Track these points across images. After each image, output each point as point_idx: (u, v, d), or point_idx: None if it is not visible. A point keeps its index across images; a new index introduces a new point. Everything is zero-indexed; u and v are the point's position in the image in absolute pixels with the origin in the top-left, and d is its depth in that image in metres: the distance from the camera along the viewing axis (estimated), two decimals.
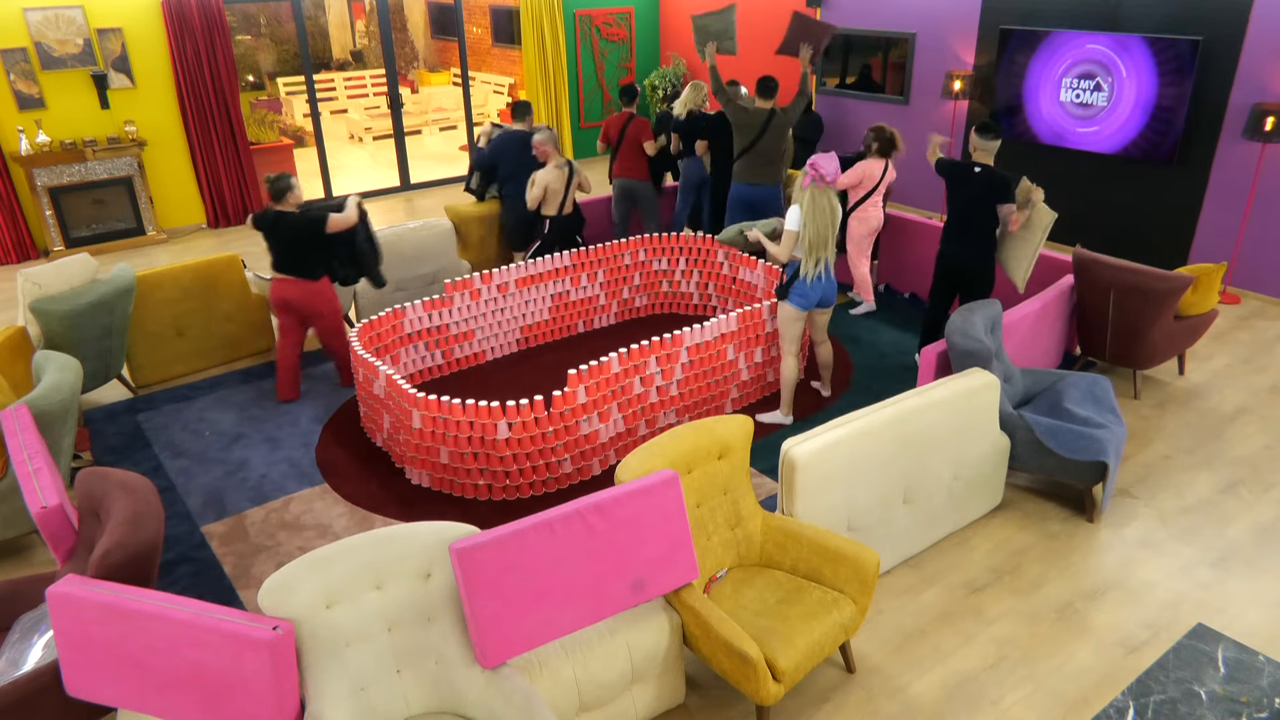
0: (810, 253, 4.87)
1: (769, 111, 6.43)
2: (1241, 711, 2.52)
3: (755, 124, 6.45)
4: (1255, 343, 6.31)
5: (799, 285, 4.96)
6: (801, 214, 4.82)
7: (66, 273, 5.23)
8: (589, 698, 3.04)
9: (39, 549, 4.35)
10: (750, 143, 6.49)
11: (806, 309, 5.01)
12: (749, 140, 6.49)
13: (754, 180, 6.58)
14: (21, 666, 2.91)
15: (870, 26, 9.35)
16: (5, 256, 8.25)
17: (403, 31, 17.06)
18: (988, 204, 5.13)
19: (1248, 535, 4.29)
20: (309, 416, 5.49)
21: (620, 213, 7.37)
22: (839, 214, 4.83)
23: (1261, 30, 6.60)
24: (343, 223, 5.36)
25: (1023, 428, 4.36)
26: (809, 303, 4.99)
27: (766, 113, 6.43)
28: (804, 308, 5.01)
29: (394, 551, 2.84)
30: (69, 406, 4.17)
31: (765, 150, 6.49)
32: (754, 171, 6.56)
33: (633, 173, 7.20)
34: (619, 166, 7.24)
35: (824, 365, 5.45)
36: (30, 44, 7.98)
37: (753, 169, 6.55)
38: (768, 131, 6.43)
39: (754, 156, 6.51)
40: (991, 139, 5.15)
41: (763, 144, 6.47)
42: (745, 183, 6.61)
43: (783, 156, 6.61)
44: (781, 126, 6.47)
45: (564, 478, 4.72)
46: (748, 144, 6.50)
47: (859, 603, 3.30)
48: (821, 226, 4.80)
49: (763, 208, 6.62)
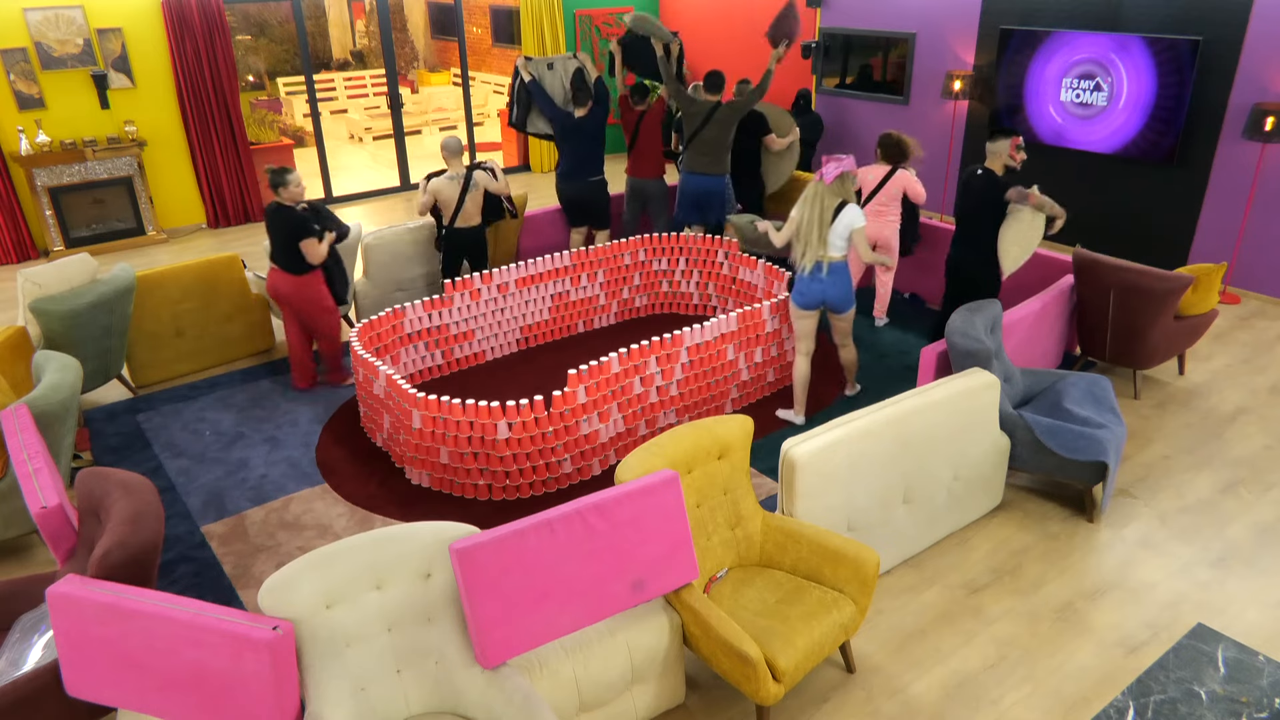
0: (798, 241, 4.96)
1: (714, 104, 6.68)
2: (1241, 711, 2.52)
3: (699, 114, 6.72)
4: (1255, 343, 6.31)
5: (797, 281, 5.04)
6: (800, 207, 4.91)
7: (66, 273, 5.23)
8: (589, 698, 3.04)
9: (39, 549, 4.35)
10: (694, 132, 6.75)
11: (805, 306, 5.03)
12: (692, 130, 6.77)
13: (697, 169, 6.85)
14: (21, 666, 2.91)
15: (870, 26, 9.35)
16: (5, 256, 8.25)
17: (403, 31, 17.06)
18: (987, 206, 5.08)
19: (1247, 535, 4.29)
20: (309, 416, 5.49)
21: (632, 211, 7.40)
22: (831, 211, 4.83)
23: (1261, 30, 6.60)
24: (312, 254, 5.37)
25: (1023, 428, 4.36)
26: (806, 300, 5.01)
27: (711, 105, 6.68)
28: (802, 305, 5.03)
29: (394, 551, 2.84)
30: (69, 406, 4.17)
31: (708, 140, 6.73)
32: (697, 161, 6.82)
33: (646, 171, 7.22)
34: (632, 165, 7.26)
35: (847, 367, 5.49)
36: (30, 44, 7.98)
37: (696, 158, 6.82)
38: (710, 123, 6.67)
39: (698, 144, 6.77)
40: (996, 140, 5.05)
41: (705, 134, 6.72)
42: (690, 171, 6.89)
43: (729, 148, 6.83)
44: (725, 119, 6.68)
45: (564, 478, 4.72)
46: (691, 133, 6.78)
47: (859, 603, 3.30)
48: (809, 217, 4.87)
49: (707, 196, 6.88)
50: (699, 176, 6.82)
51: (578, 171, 6.86)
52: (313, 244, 5.35)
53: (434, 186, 6.03)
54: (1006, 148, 5.05)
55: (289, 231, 5.34)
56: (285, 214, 5.33)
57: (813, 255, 4.92)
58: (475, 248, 6.30)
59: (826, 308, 5.07)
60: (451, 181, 6.03)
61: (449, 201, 6.06)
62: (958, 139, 8.84)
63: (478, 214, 6.19)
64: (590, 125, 6.73)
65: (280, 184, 5.33)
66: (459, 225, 6.15)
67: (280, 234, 5.37)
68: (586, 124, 6.72)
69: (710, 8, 11.12)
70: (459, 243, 6.22)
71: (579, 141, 6.77)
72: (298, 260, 5.40)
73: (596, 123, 6.75)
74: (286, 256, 5.41)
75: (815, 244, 4.90)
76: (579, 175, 6.87)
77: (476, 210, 6.17)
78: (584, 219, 7.13)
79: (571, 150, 6.81)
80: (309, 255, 5.37)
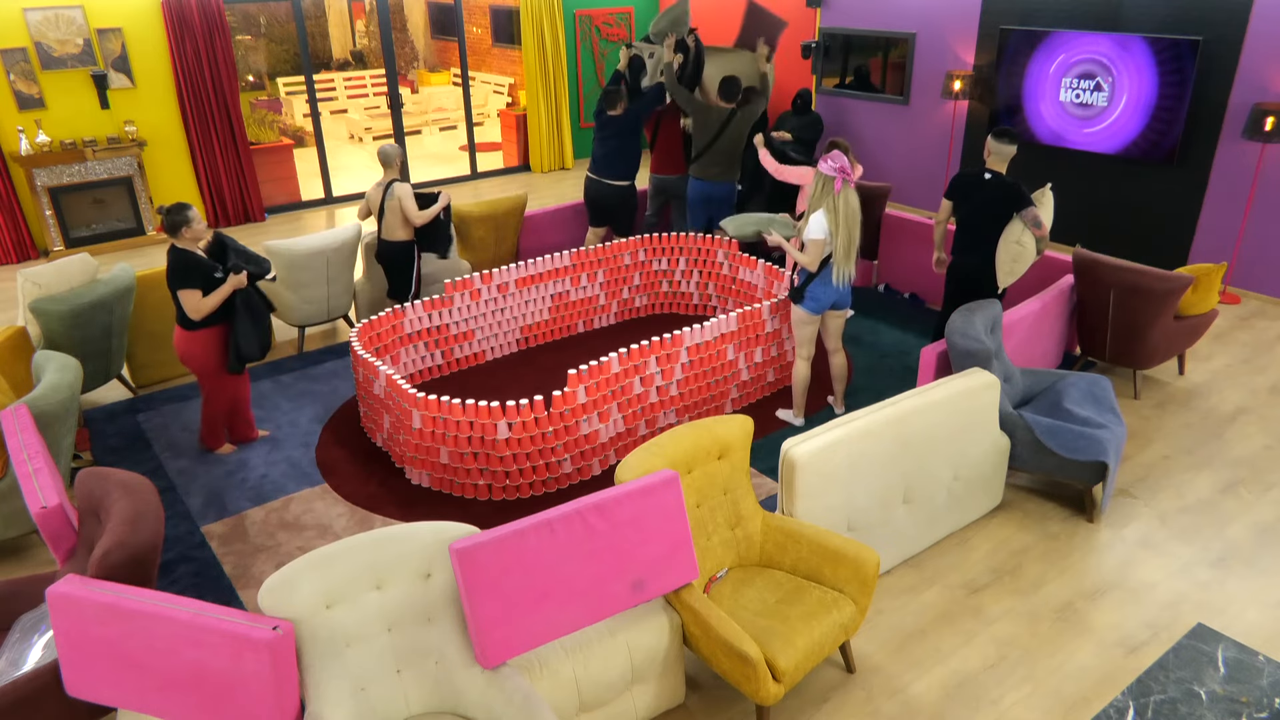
0: (846, 257, 4.79)
1: (730, 112, 6.59)
2: (1241, 711, 2.52)
3: (715, 123, 6.62)
4: (1255, 343, 6.31)
5: (814, 289, 4.88)
6: (828, 221, 4.71)
7: (66, 273, 5.23)
8: (589, 698, 3.04)
9: (39, 549, 4.35)
10: (710, 141, 6.64)
11: (819, 313, 4.96)
12: (708, 139, 6.65)
13: (711, 177, 6.76)
14: (21, 666, 2.91)
15: (870, 26, 9.35)
16: (5, 256, 8.25)
17: (403, 31, 17.06)
18: (998, 212, 4.93)
19: (1247, 535, 4.29)
20: (309, 416, 5.49)
21: (655, 207, 7.42)
22: (858, 213, 4.77)
23: (1261, 30, 6.60)
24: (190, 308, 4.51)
25: (1023, 428, 4.36)
26: (822, 306, 4.93)
27: (727, 112, 6.58)
28: (816, 311, 4.95)
29: (394, 551, 2.84)
30: (69, 406, 4.17)
31: (725, 148, 6.66)
32: (712, 169, 6.73)
33: (668, 168, 7.22)
34: (655, 162, 7.27)
35: (837, 378, 5.27)
36: (30, 44, 7.98)
37: (711, 167, 6.72)
38: (727, 130, 6.60)
39: (713, 154, 6.68)
40: (1007, 144, 4.93)
41: (721, 142, 6.63)
42: (702, 179, 6.79)
43: (740, 155, 6.76)
44: (740, 126, 6.62)
45: (564, 478, 4.72)
46: (707, 142, 6.66)
47: (859, 603, 3.30)
48: (852, 229, 4.75)
49: (720, 205, 6.83)
50: (710, 184, 6.75)
51: (602, 169, 6.83)
52: (193, 296, 4.49)
53: (369, 192, 5.93)
54: (1013, 153, 4.95)
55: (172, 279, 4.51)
56: (172, 255, 4.51)
57: (847, 265, 4.80)
58: (396, 265, 5.92)
59: (832, 307, 5.01)
60: (377, 189, 5.84)
61: (375, 210, 5.90)
62: (958, 139, 8.84)
63: (400, 229, 5.80)
64: (619, 124, 6.71)
65: (182, 223, 4.44)
66: (383, 237, 5.87)
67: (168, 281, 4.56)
68: (618, 122, 6.70)
69: (710, 7, 11.11)
70: (381, 255, 5.96)
71: (603, 139, 6.78)
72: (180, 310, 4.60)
73: (627, 123, 6.72)
74: (178, 308, 4.61)
75: (847, 254, 4.78)
76: (602, 173, 6.84)
77: (399, 224, 5.79)
78: (603, 220, 7.08)
79: (600, 145, 6.81)
80: (187, 309, 4.51)
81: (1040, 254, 4.98)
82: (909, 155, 9.36)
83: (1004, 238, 4.95)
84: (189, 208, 4.44)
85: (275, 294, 6.14)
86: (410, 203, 5.75)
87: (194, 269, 4.48)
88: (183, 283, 4.48)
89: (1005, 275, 5.00)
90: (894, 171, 9.45)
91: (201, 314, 4.54)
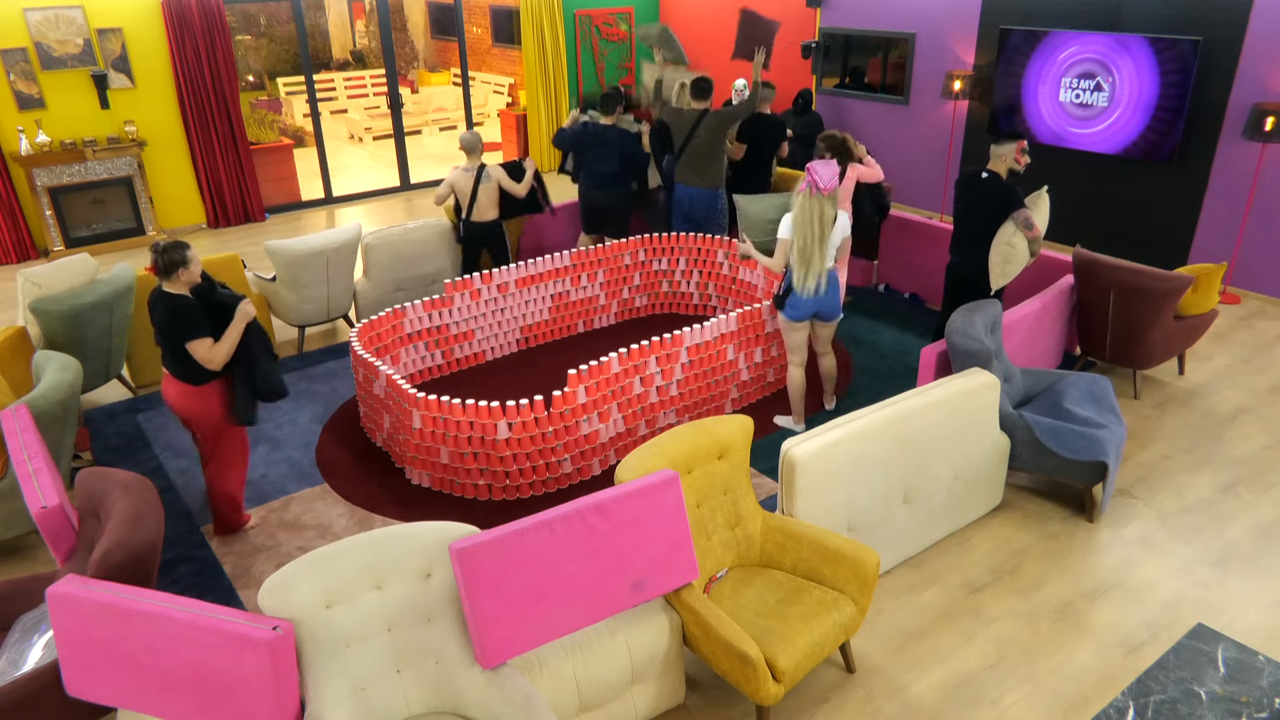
0: (800, 261, 4.71)
1: (700, 112, 6.48)
2: (1241, 711, 2.52)
3: (686, 124, 6.52)
4: (1255, 343, 6.31)
5: (793, 296, 4.84)
6: (790, 222, 4.72)
7: (66, 273, 5.23)
8: (589, 698, 3.04)
9: (39, 549, 4.35)
10: (683, 143, 6.56)
11: (800, 319, 4.90)
12: (680, 141, 6.57)
13: (688, 181, 6.65)
14: (21, 666, 2.92)
15: (870, 26, 9.35)
16: (5, 256, 8.25)
17: (403, 31, 17.06)
18: (991, 212, 4.97)
19: (1247, 535, 4.29)
20: (309, 416, 5.49)
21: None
22: (831, 223, 4.67)
23: (1261, 30, 6.60)
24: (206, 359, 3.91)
25: (1023, 428, 4.36)
26: (801, 314, 4.87)
27: (698, 113, 6.48)
28: (796, 319, 4.89)
29: (394, 551, 2.84)
30: (69, 406, 4.17)
31: (699, 150, 6.52)
32: (688, 173, 6.64)
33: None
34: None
35: (826, 378, 5.30)
36: (30, 44, 7.98)
37: (687, 170, 6.64)
38: (698, 132, 6.47)
39: (688, 158, 6.59)
40: (1002, 143, 4.98)
41: (694, 145, 6.51)
42: (682, 183, 6.70)
43: (719, 159, 6.58)
44: (713, 127, 6.44)
45: (564, 478, 4.72)
46: (681, 145, 6.58)
47: (859, 603, 3.30)
48: (809, 235, 4.64)
49: (699, 209, 6.68)
50: (689, 189, 6.64)
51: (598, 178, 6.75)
52: (205, 345, 3.89)
53: (451, 178, 6.26)
54: (1012, 151, 4.98)
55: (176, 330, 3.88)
56: (168, 304, 3.88)
57: (815, 274, 4.72)
58: (493, 241, 6.46)
59: (817, 318, 4.95)
60: (466, 174, 6.22)
61: (464, 194, 6.26)
62: (958, 139, 8.84)
63: (493, 208, 6.33)
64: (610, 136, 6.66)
65: (180, 264, 3.84)
66: (474, 219, 6.33)
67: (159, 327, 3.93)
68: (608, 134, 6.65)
69: (710, 7, 11.11)
70: (474, 236, 6.40)
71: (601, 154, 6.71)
72: (194, 365, 3.96)
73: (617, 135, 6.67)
74: (178, 362, 3.97)
75: (818, 262, 4.70)
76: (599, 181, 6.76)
77: (491, 204, 6.30)
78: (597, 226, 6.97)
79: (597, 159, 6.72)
80: (203, 360, 3.91)
81: (1035, 256, 4.98)
82: (909, 155, 9.36)
83: (996, 239, 4.97)
84: (188, 247, 3.87)
85: (275, 294, 6.15)
86: (508, 181, 6.29)
87: (196, 315, 3.88)
88: (190, 333, 3.85)
89: (997, 276, 5.01)
90: (894, 172, 9.44)
91: (219, 363, 3.95)
